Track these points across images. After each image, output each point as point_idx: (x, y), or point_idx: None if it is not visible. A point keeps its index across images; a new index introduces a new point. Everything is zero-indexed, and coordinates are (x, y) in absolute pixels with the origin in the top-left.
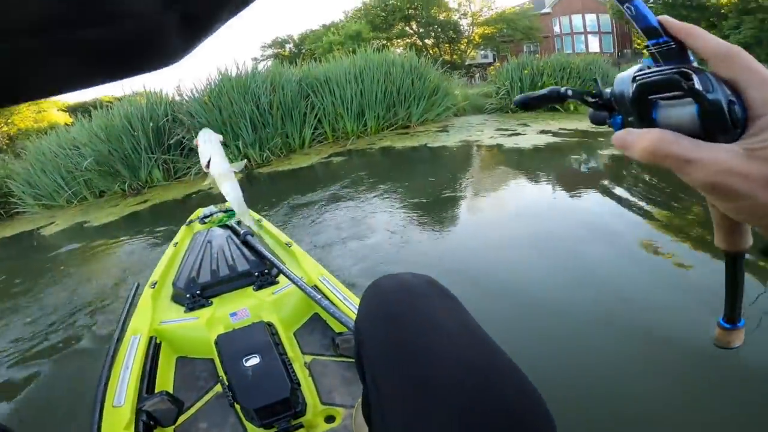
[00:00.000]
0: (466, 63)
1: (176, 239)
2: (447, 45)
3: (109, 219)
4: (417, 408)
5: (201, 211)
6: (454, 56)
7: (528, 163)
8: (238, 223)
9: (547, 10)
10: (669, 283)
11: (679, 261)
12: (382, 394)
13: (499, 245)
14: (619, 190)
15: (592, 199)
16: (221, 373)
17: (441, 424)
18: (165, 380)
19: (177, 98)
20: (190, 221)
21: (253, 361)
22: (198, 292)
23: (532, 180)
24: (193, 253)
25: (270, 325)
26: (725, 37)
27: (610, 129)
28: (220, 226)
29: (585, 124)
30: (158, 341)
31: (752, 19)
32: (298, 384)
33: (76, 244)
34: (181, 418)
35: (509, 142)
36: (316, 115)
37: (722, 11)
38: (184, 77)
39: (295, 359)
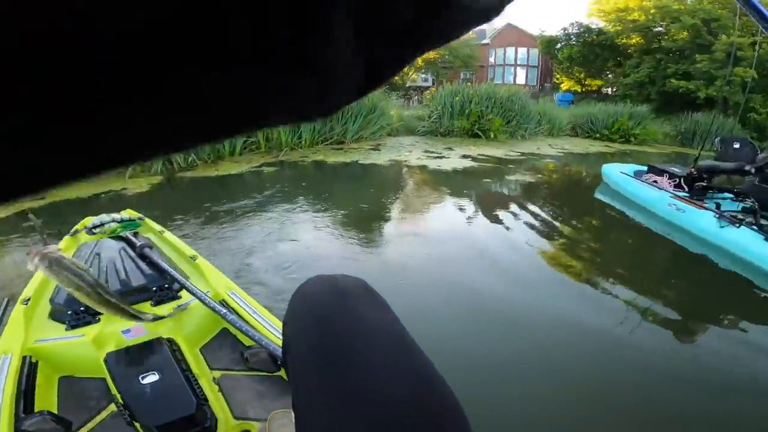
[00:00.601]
0: (407, 85)
1: None
2: None
3: None
4: (341, 418)
5: (90, 220)
6: (395, 77)
7: (446, 183)
8: (135, 234)
9: (486, 41)
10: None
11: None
12: (307, 402)
13: (406, 254)
14: (514, 207)
15: (496, 216)
16: (114, 392)
17: (363, 428)
18: (46, 400)
19: None
20: (75, 231)
21: (152, 378)
22: (82, 308)
23: (446, 199)
24: None
25: (171, 341)
26: (626, 75)
27: (519, 157)
28: (112, 237)
29: (500, 152)
30: (34, 360)
31: (651, 58)
32: (205, 399)
33: None
34: None
35: (433, 164)
36: None
37: (629, 51)
38: None
39: (202, 375)
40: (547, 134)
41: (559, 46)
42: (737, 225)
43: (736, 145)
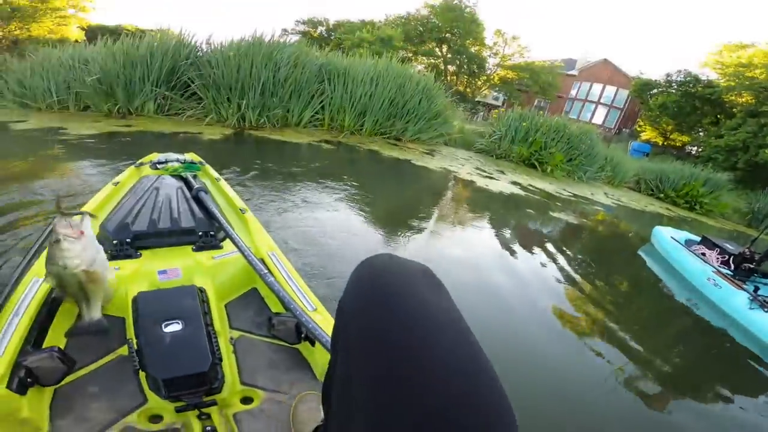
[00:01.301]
0: (477, 99)
1: (118, 178)
2: (466, 76)
3: (87, 132)
4: (389, 406)
5: (155, 156)
6: (468, 89)
7: (488, 204)
8: (194, 177)
9: (573, 71)
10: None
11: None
12: (353, 382)
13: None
14: (550, 247)
15: (524, 251)
16: (131, 335)
17: (411, 422)
18: (59, 334)
19: (204, 47)
20: (141, 163)
21: (174, 327)
22: (128, 240)
23: (482, 218)
24: (134, 197)
25: (202, 291)
26: (719, 136)
27: (570, 197)
28: (172, 176)
29: (552, 188)
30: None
31: (755, 122)
32: (220, 359)
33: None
34: (68, 379)
35: (482, 182)
36: (321, 101)
37: (733, 110)
38: (216, 32)
39: (221, 333)
40: (607, 182)
41: (654, 91)
42: (767, 309)
43: None
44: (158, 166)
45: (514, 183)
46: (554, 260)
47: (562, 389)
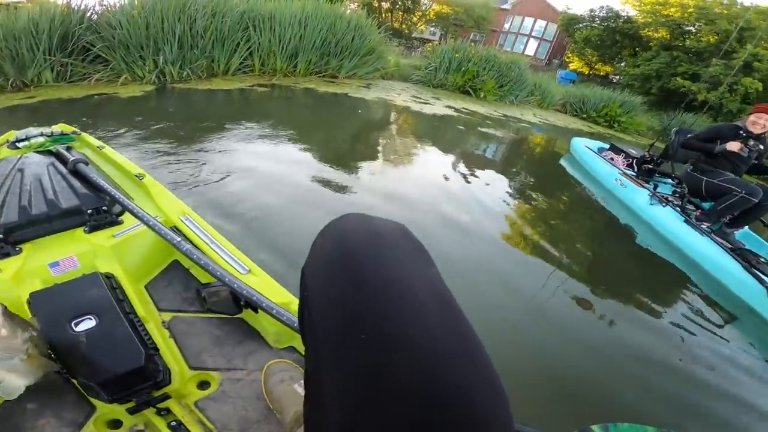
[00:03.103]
0: (413, 35)
1: None
2: (401, 13)
3: None
4: (366, 395)
5: (13, 134)
6: (404, 25)
7: (420, 123)
8: (68, 149)
9: (506, 6)
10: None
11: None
12: (325, 368)
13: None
14: (486, 159)
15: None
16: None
17: (388, 423)
18: None
19: (99, 8)
20: None
21: (88, 324)
22: (0, 236)
23: (419, 138)
24: None
25: (109, 277)
26: (637, 66)
27: (500, 117)
28: (38, 152)
29: (484, 110)
30: None
31: (668, 54)
32: (156, 349)
33: None
34: None
35: (416, 107)
36: (249, 48)
37: (649, 44)
38: None
39: (149, 318)
40: (537, 105)
41: (580, 26)
42: (664, 205)
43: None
44: (18, 144)
45: (448, 107)
46: (490, 170)
47: (510, 296)
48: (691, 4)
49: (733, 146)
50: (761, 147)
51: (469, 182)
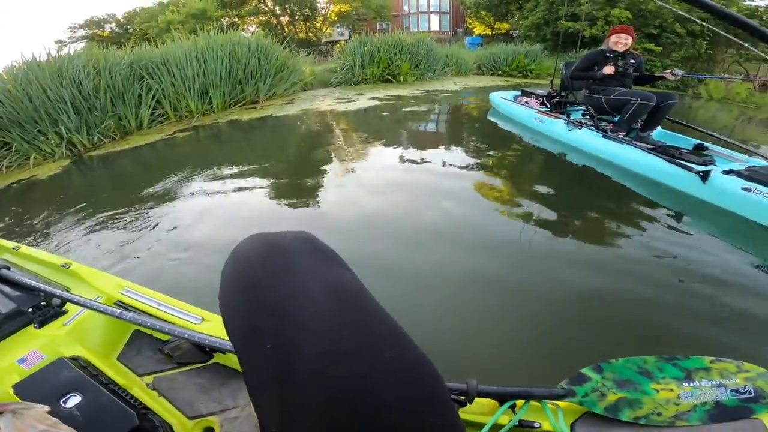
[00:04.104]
0: (323, 41)
1: None
2: (303, 23)
3: None
4: (280, 402)
5: None
6: (310, 34)
7: (349, 119)
8: None
9: None
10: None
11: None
12: (250, 382)
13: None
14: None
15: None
16: None
17: (304, 421)
18: None
19: None
20: None
21: (75, 400)
22: None
23: (344, 129)
24: None
25: (76, 359)
26: (525, 18)
27: (422, 94)
28: None
29: (406, 92)
30: None
31: (545, 1)
32: (146, 408)
33: None
34: None
35: (341, 107)
36: (153, 96)
37: None
38: None
39: (132, 384)
40: (455, 74)
41: None
42: (580, 128)
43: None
44: None
45: (372, 98)
46: (428, 142)
47: (485, 249)
48: None
49: (609, 69)
50: (633, 61)
51: (413, 160)
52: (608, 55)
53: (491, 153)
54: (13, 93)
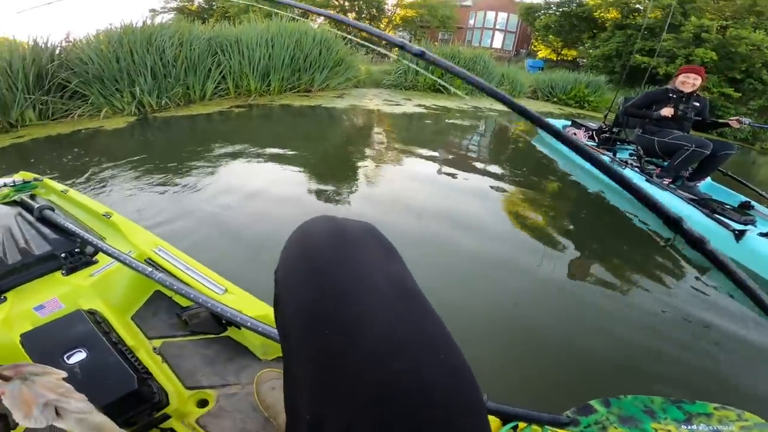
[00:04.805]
0: (383, 42)
1: None
2: (368, 21)
3: None
4: (328, 385)
5: None
6: None
7: (391, 122)
8: (32, 197)
9: (468, 3)
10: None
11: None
12: (296, 362)
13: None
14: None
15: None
16: None
17: (351, 412)
18: None
19: (65, 44)
20: None
21: (79, 356)
22: None
23: (385, 131)
24: None
25: (93, 313)
26: (596, 48)
27: (468, 109)
28: (4, 204)
29: (454, 104)
30: None
31: (622, 33)
32: (147, 372)
33: None
34: None
35: (388, 109)
36: (221, 71)
37: (605, 25)
38: (73, 28)
39: (139, 346)
40: (508, 95)
41: (538, 14)
42: (624, 167)
43: None
44: None
45: (419, 105)
46: (466, 158)
47: (512, 274)
48: None
49: (667, 111)
50: (697, 104)
51: (449, 173)
52: (671, 95)
53: (528, 180)
54: (105, 53)
